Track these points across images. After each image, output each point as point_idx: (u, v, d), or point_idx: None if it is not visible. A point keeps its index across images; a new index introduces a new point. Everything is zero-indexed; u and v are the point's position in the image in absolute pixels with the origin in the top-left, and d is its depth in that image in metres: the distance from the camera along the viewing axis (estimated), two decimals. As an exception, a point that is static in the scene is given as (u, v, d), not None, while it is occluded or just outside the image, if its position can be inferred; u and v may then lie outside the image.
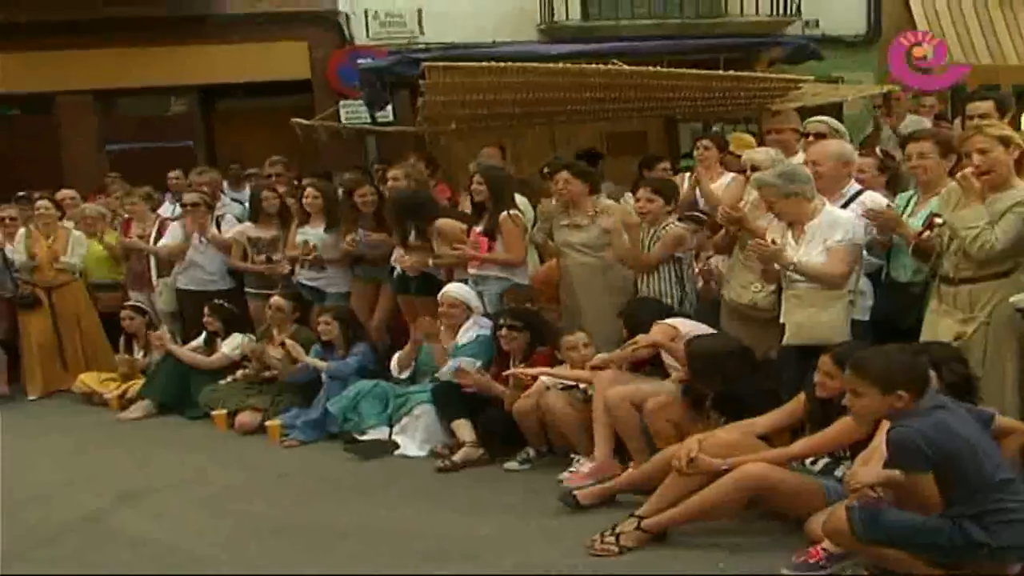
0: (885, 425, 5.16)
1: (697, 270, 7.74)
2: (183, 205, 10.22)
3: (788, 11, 14.68)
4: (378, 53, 13.62)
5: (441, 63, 9.39)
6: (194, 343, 9.67)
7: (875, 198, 6.53)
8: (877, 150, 8.11)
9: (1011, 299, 5.43)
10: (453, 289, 7.94)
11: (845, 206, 6.47)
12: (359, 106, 13.37)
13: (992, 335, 5.47)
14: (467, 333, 7.72)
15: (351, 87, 13.53)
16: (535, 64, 9.35)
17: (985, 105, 7.35)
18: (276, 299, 9.01)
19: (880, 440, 5.06)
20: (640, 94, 9.77)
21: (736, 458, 5.33)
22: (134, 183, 11.70)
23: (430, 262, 8.40)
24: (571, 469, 6.65)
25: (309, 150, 12.75)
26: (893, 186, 6.98)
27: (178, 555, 5.85)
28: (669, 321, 6.73)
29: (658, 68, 9.38)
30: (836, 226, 6.08)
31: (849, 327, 6.02)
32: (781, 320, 6.23)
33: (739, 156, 8.02)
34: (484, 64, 9.20)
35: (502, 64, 9.11)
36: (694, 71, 9.53)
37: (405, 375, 8.14)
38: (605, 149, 13.42)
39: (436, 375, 7.69)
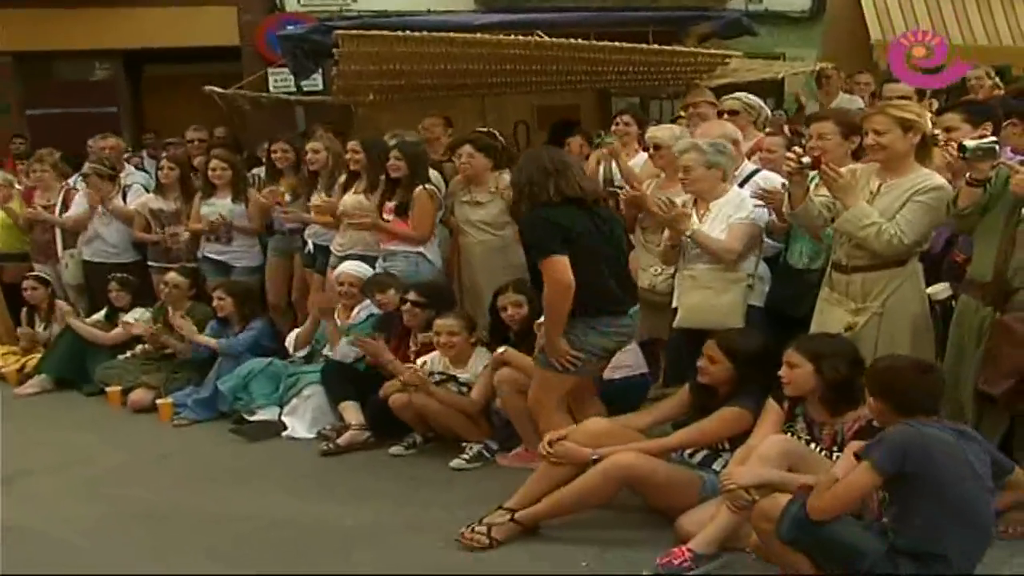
0: (767, 423, 4.96)
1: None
2: (82, 175, 9.83)
3: (730, -15, 14.41)
4: (309, 20, 13.23)
5: (354, 31, 9.05)
6: (95, 317, 9.35)
7: (770, 178, 6.29)
8: (785, 128, 7.86)
9: (928, 290, 5.24)
10: (349, 266, 7.64)
11: (741, 186, 6.26)
12: (288, 74, 12.98)
13: (884, 326, 5.13)
14: (362, 312, 7.43)
15: (279, 54, 13.12)
16: (452, 34, 9.00)
17: (901, 87, 7.10)
18: (171, 275, 8.70)
19: (758, 439, 4.84)
20: (564, 67, 9.51)
21: (607, 448, 5.08)
22: (57, 149, 11.23)
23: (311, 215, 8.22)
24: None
25: (236, 119, 12.52)
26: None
27: (40, 542, 5.55)
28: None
29: (580, 41, 9.07)
30: (742, 205, 5.92)
31: (744, 313, 5.79)
32: (674, 304, 5.97)
33: None
34: (399, 33, 8.87)
35: (417, 34, 8.79)
36: (616, 44, 9.21)
37: (301, 354, 7.86)
38: (535, 122, 13.14)
39: (326, 354, 7.38)
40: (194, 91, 11.15)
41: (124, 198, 9.69)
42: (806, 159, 5.27)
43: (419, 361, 6.76)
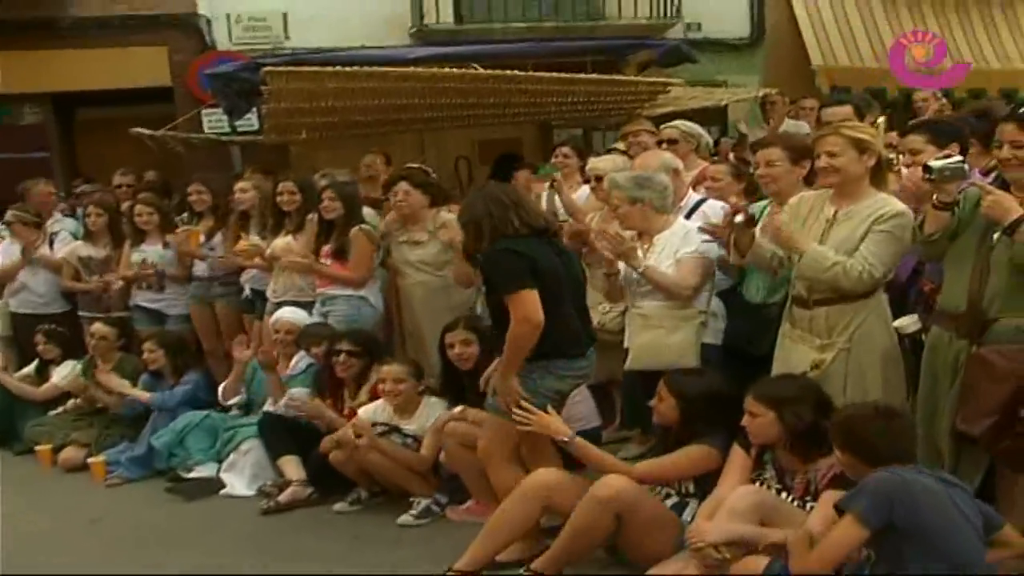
0: (733, 472, 4.72)
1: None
2: (4, 223, 9.46)
3: (668, 14, 14.25)
4: (241, 58, 12.92)
5: (282, 68, 8.82)
6: (24, 371, 8.92)
7: (717, 207, 6.07)
8: (731, 156, 7.68)
9: (894, 324, 4.94)
10: (286, 314, 7.34)
11: (687, 217, 6.03)
12: (222, 114, 12.66)
13: (853, 363, 4.82)
14: (300, 361, 7.11)
15: (212, 94, 12.80)
16: (385, 69, 8.76)
17: (843, 110, 6.92)
18: (97, 326, 8.32)
19: (725, 490, 4.59)
20: (502, 99, 9.30)
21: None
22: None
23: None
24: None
25: (172, 161, 12.17)
26: (751, 194, 6.44)
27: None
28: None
29: (516, 72, 8.86)
30: (689, 239, 5.64)
31: (699, 352, 5.53)
32: (626, 344, 5.72)
33: None
34: (329, 69, 8.66)
35: (348, 69, 8.57)
36: (554, 75, 9.06)
37: (233, 401, 7.50)
38: (476, 157, 12.94)
39: (265, 407, 7.07)
40: (128, 134, 10.84)
41: (51, 246, 9.31)
42: (739, 217, 5.05)
43: (361, 411, 6.45)
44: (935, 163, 4.47)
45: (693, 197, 6.31)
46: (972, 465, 4.48)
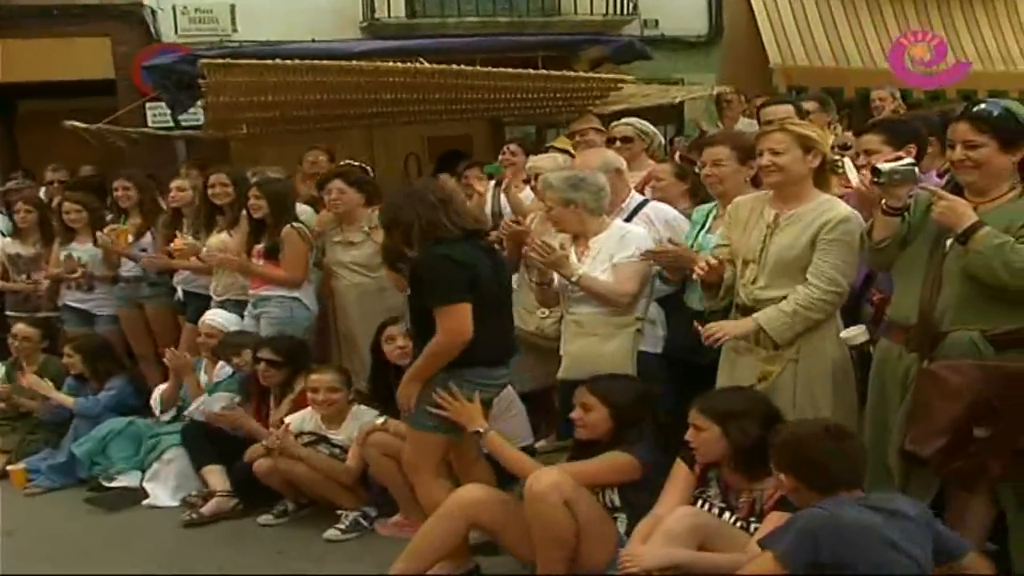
0: (675, 490, 4.46)
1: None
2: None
3: (624, 10, 14.03)
4: (187, 51, 12.54)
5: (220, 60, 8.51)
6: (-52, 373, 8.57)
7: (660, 208, 5.80)
8: (677, 156, 7.43)
9: (841, 335, 4.57)
10: (214, 316, 7.04)
11: (629, 219, 5.73)
12: (166, 108, 12.28)
13: (802, 375, 4.53)
14: (227, 367, 6.79)
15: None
16: (326, 62, 8.46)
17: (783, 109, 6.64)
18: (20, 327, 8.00)
19: (665, 509, 4.33)
20: (448, 95, 9.02)
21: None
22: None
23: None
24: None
25: (115, 157, 11.78)
26: (695, 195, 6.17)
27: None
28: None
29: (461, 67, 8.59)
30: (626, 242, 5.32)
31: (635, 360, 5.24)
32: (561, 352, 5.45)
33: None
34: (268, 62, 8.40)
35: (288, 62, 8.28)
36: (500, 70, 8.78)
37: (167, 417, 7.10)
38: (426, 154, 12.66)
39: (186, 414, 6.75)
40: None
41: (-21, 244, 8.96)
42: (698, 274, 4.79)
43: (287, 419, 6.15)
44: (883, 165, 4.18)
45: (636, 198, 6.00)
46: (922, 487, 4.19)
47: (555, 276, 5.41)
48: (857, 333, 4.53)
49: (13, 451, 7.47)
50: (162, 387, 7.24)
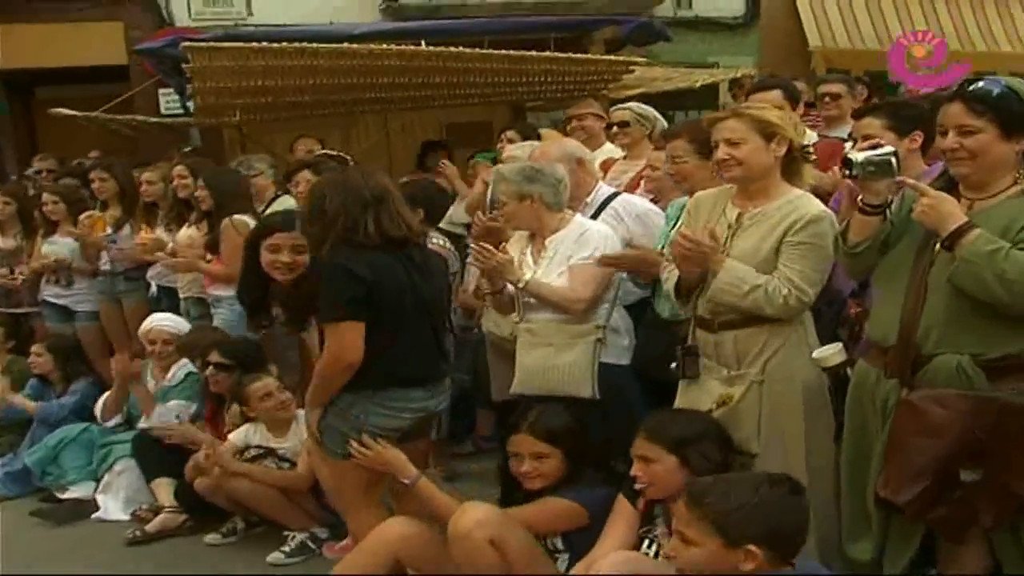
0: (617, 529, 3.92)
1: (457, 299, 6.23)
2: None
3: (655, -10, 13.39)
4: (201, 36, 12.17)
5: (203, 44, 8.07)
6: (-75, 370, 8.22)
7: (631, 202, 5.21)
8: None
9: (814, 354, 3.90)
10: (161, 320, 6.58)
11: (596, 215, 5.14)
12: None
13: (768, 398, 3.90)
14: (179, 371, 6.32)
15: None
16: (316, 45, 7.95)
17: (771, 95, 5.96)
18: (-18, 327, 7.61)
19: (604, 551, 3.79)
20: (448, 79, 8.53)
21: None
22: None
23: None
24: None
25: (130, 142, 11.57)
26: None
27: None
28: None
29: (455, 49, 8.08)
30: (585, 241, 4.73)
31: (595, 373, 4.63)
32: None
33: None
34: (254, 45, 7.95)
35: (274, 45, 7.80)
36: (496, 52, 8.33)
37: (112, 423, 6.62)
38: (444, 139, 12.14)
39: (140, 426, 6.30)
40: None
41: (-37, 237, 8.59)
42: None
43: (232, 436, 5.67)
44: (856, 155, 3.55)
45: (603, 191, 5.36)
46: (903, 538, 3.58)
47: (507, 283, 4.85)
48: (832, 353, 3.86)
49: (-29, 454, 7.11)
50: (106, 394, 6.77)
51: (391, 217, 4.23)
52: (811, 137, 5.18)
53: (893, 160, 3.53)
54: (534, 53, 8.36)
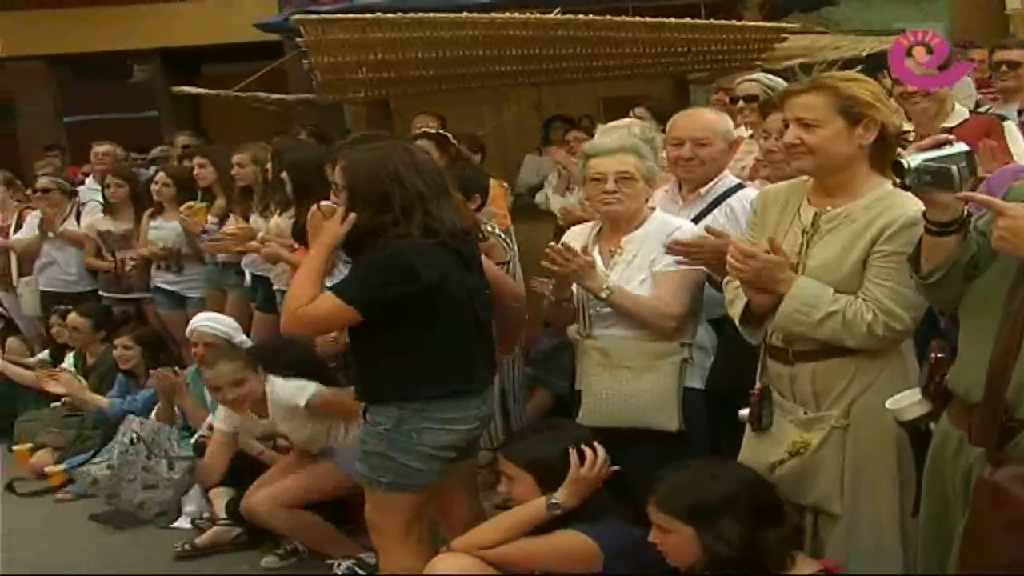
0: None
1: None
2: (35, 191, 8.58)
3: (827, -50, 12.29)
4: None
5: (314, 17, 7.59)
6: (38, 356, 8.10)
7: (748, 197, 4.17)
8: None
9: (887, 403, 2.99)
10: (203, 321, 6.10)
11: (708, 211, 4.28)
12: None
13: (852, 447, 3.14)
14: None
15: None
16: (431, 15, 7.38)
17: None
18: (72, 317, 7.40)
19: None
20: (581, 49, 7.83)
21: None
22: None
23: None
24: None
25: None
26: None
27: None
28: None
29: (584, 17, 7.38)
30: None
31: (680, 402, 3.83)
32: (577, 386, 4.10)
33: None
34: (369, 16, 7.41)
35: (387, 16, 7.25)
36: (636, 20, 7.53)
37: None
38: (601, 115, 11.43)
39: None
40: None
41: (78, 218, 8.38)
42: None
43: (218, 423, 5.29)
44: (911, 158, 2.69)
45: (727, 181, 4.41)
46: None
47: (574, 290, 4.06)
48: (910, 403, 2.93)
49: (65, 449, 6.87)
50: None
51: (455, 207, 3.69)
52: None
53: (954, 169, 2.59)
54: (668, 20, 7.54)
